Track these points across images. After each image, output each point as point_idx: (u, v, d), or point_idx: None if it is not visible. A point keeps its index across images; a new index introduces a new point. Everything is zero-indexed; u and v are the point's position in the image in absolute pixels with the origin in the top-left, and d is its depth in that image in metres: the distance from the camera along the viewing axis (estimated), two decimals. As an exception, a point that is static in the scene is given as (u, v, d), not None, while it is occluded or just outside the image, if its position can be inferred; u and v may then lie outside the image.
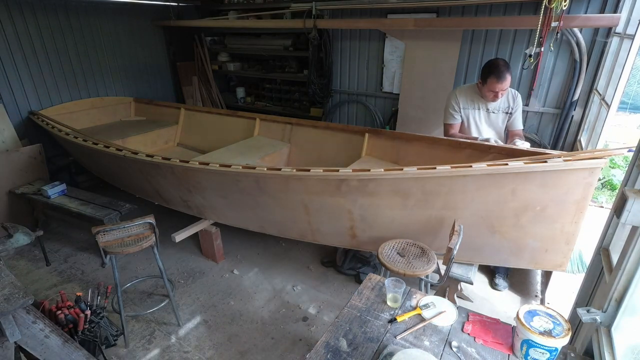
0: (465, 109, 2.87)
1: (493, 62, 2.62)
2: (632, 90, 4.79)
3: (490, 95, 2.68)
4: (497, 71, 2.56)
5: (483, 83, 2.67)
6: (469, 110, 2.86)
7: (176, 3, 5.21)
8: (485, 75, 2.63)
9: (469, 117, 2.88)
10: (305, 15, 4.17)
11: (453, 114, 2.88)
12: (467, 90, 2.87)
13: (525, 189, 1.97)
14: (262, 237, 3.36)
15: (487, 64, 2.65)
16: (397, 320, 1.45)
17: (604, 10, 2.97)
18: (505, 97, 2.76)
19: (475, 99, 2.83)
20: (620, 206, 1.10)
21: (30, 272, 3.16)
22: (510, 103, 2.79)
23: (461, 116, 2.89)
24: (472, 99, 2.84)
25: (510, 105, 2.80)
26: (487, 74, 2.61)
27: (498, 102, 2.77)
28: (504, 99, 2.76)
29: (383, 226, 2.41)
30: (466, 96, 2.85)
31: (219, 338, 2.49)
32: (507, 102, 2.79)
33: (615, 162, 4.30)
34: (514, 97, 2.78)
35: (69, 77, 4.44)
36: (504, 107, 2.81)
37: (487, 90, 2.66)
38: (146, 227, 2.31)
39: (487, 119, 2.88)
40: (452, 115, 2.89)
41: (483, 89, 2.69)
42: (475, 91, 2.82)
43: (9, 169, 3.56)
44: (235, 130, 4.17)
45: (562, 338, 1.20)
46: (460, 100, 2.85)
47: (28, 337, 1.67)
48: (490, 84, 2.61)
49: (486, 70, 2.63)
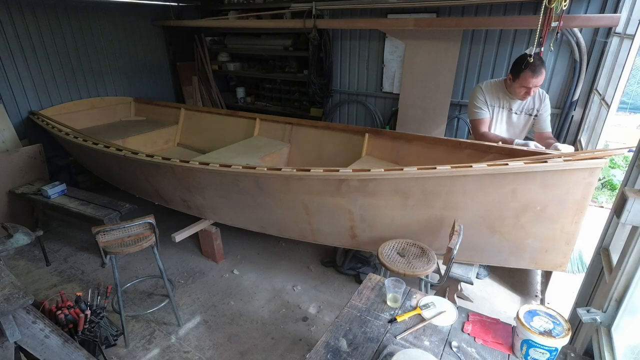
0: (492, 105, 2.67)
1: (528, 56, 2.41)
2: (632, 90, 4.80)
3: (522, 92, 2.48)
4: (532, 65, 2.36)
5: (514, 78, 2.48)
6: (494, 108, 2.68)
7: (176, 3, 5.21)
8: (517, 70, 2.44)
9: (492, 115, 2.71)
10: (305, 15, 4.17)
11: (482, 108, 2.66)
12: (493, 86, 2.68)
13: (526, 189, 1.97)
14: (262, 237, 3.36)
15: (520, 58, 2.46)
16: (397, 320, 1.45)
17: (604, 10, 2.97)
18: (532, 98, 2.59)
19: (501, 96, 2.64)
20: (620, 206, 1.10)
21: (30, 272, 3.16)
22: (536, 104, 2.62)
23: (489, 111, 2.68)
24: (498, 95, 2.65)
25: (535, 107, 2.62)
26: (521, 67, 2.41)
27: (522, 103, 2.61)
28: (529, 100, 2.60)
29: (383, 226, 2.41)
30: (492, 92, 2.66)
31: (219, 338, 2.49)
32: (532, 104, 2.63)
33: (615, 162, 4.30)
34: (542, 99, 2.60)
35: (69, 77, 4.45)
36: (528, 108, 2.64)
37: (519, 86, 2.46)
38: (146, 227, 2.31)
39: (508, 120, 2.72)
40: (480, 109, 2.67)
41: (514, 85, 2.50)
42: (502, 88, 2.63)
43: (9, 169, 3.56)
44: (235, 130, 4.17)
45: (562, 338, 1.20)
46: (487, 95, 2.65)
47: (28, 337, 1.67)
48: (523, 79, 2.42)
49: (519, 64, 2.43)
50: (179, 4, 5.27)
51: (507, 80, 2.58)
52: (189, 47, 5.63)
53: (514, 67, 2.50)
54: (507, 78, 2.59)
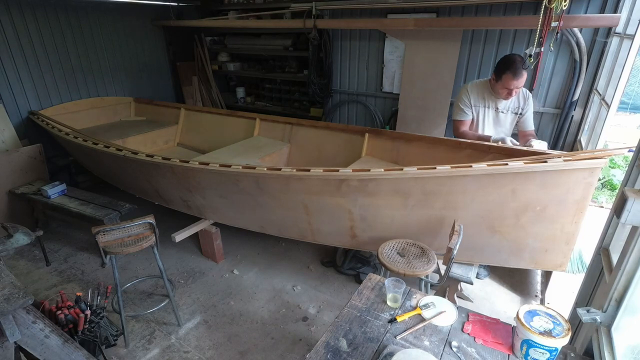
0: (476, 106, 2.76)
1: (509, 58, 2.50)
2: (632, 90, 4.80)
3: (504, 93, 2.57)
4: (513, 67, 2.44)
5: (497, 79, 2.55)
6: (479, 108, 2.76)
7: (176, 3, 5.21)
8: (500, 71, 2.52)
9: (478, 115, 2.79)
10: (305, 15, 4.17)
11: (464, 110, 2.77)
12: (479, 86, 2.76)
13: (525, 189, 1.97)
14: (262, 237, 3.36)
15: (503, 60, 2.53)
16: (397, 320, 1.45)
17: (604, 10, 2.97)
18: (516, 97, 2.66)
19: (486, 96, 2.73)
20: (620, 206, 1.10)
21: (30, 272, 3.16)
22: (520, 103, 2.70)
23: (472, 112, 2.78)
24: (484, 95, 2.73)
25: (520, 106, 2.71)
26: (503, 70, 2.49)
27: (508, 102, 2.68)
28: (514, 99, 2.67)
29: (383, 226, 2.41)
30: (478, 92, 2.74)
31: (219, 338, 2.49)
32: (517, 102, 2.70)
33: (615, 162, 4.30)
34: (525, 98, 2.69)
35: (68, 77, 4.45)
36: (514, 107, 2.72)
37: (502, 87, 2.55)
38: (146, 227, 2.31)
39: (495, 119, 2.79)
40: (463, 111, 2.78)
41: (496, 85, 2.58)
42: (487, 88, 2.71)
43: (9, 169, 3.56)
44: (235, 130, 4.17)
45: (562, 338, 1.20)
46: (472, 96, 2.73)
47: (28, 337, 1.67)
48: (505, 81, 2.50)
49: (502, 65, 2.51)
50: (179, 4, 5.27)
51: (491, 80, 2.65)
52: (189, 47, 5.63)
53: (497, 68, 2.58)
54: (491, 78, 2.66)
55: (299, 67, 5.08)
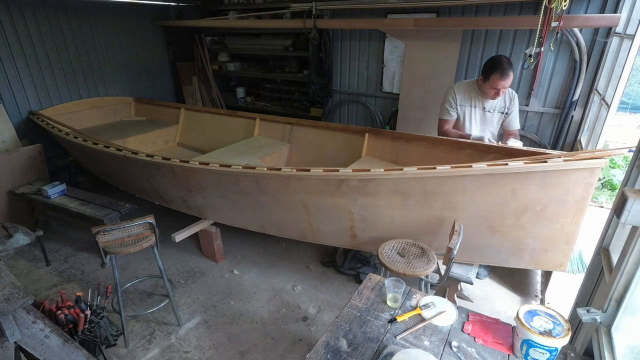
0: (462, 106, 2.83)
1: (496, 59, 2.57)
2: (632, 90, 4.80)
3: (492, 93, 2.63)
4: (500, 68, 2.51)
5: (485, 80, 2.62)
6: (465, 107, 2.83)
7: (176, 3, 5.21)
8: (487, 72, 2.58)
9: (465, 114, 2.85)
10: (305, 15, 4.17)
11: (449, 110, 2.84)
12: (465, 86, 2.83)
13: (525, 189, 1.97)
14: (262, 237, 3.36)
15: (490, 60, 2.60)
16: (397, 320, 1.45)
17: (604, 10, 2.97)
18: (503, 97, 2.73)
19: (473, 96, 2.80)
20: (620, 206, 1.10)
21: (30, 272, 3.16)
22: (507, 103, 2.77)
23: (457, 112, 2.85)
24: (470, 95, 2.80)
25: (506, 105, 2.77)
26: (490, 70, 2.56)
27: (495, 102, 2.74)
28: (501, 99, 2.73)
29: (383, 226, 2.41)
30: (464, 92, 2.81)
31: (219, 338, 2.49)
32: (503, 102, 2.77)
33: (615, 162, 4.30)
34: (512, 98, 2.76)
35: (68, 77, 4.44)
36: (500, 106, 2.78)
37: (489, 87, 2.61)
38: (146, 227, 2.31)
39: (482, 118, 2.85)
40: (448, 110, 2.85)
41: (484, 85, 2.65)
42: (474, 88, 2.78)
43: (9, 169, 3.56)
44: (235, 130, 4.17)
45: (562, 338, 1.20)
46: (458, 96, 2.81)
47: (28, 337, 1.67)
48: (492, 81, 2.56)
49: (489, 66, 2.58)
50: (179, 4, 5.27)
51: (479, 80, 2.71)
52: (189, 47, 5.63)
53: (484, 69, 2.63)
54: (479, 78, 2.71)
55: (299, 67, 5.08)
